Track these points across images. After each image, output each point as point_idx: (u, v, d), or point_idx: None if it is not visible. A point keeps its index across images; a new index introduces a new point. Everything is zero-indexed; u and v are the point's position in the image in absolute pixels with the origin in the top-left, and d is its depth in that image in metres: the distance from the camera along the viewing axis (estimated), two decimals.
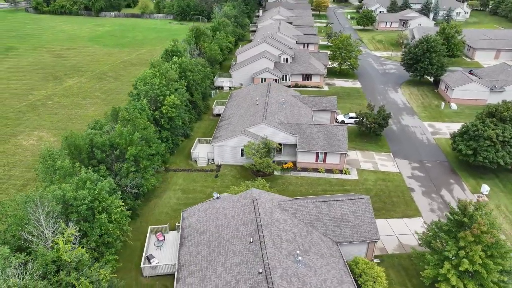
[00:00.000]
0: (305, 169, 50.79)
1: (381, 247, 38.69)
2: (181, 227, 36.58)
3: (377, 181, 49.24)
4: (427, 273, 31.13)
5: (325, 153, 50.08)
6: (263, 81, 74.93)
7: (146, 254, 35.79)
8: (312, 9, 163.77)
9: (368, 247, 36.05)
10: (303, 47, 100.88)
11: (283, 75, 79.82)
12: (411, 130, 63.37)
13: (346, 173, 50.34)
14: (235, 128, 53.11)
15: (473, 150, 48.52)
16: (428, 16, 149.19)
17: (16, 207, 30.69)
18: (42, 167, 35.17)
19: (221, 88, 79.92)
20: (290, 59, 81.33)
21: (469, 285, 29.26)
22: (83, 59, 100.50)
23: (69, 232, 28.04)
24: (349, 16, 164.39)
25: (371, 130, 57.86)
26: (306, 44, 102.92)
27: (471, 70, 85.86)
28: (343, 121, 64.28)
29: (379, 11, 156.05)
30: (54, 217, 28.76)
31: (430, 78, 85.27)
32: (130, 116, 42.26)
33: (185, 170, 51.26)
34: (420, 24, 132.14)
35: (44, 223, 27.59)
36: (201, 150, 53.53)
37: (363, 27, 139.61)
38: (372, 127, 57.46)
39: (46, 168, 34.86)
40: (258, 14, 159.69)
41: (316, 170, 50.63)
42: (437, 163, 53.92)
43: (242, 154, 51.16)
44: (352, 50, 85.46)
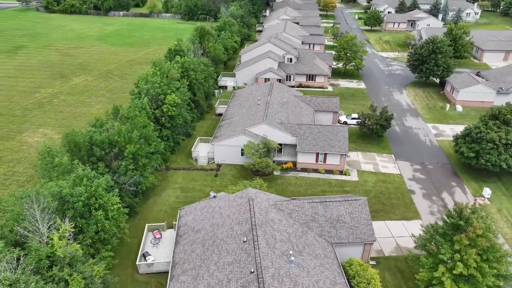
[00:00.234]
0: (305, 170, 50.67)
1: (378, 249, 38.44)
2: (177, 226, 36.81)
3: (377, 183, 48.90)
4: (422, 276, 30.85)
5: (325, 154, 49.91)
6: (267, 81, 74.94)
7: (142, 252, 36.10)
8: (320, 9, 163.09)
9: (364, 249, 35.81)
10: (309, 47, 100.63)
11: (287, 75, 79.73)
12: (414, 132, 62.77)
13: (346, 174, 50.10)
14: (236, 128, 53.23)
15: (476, 153, 47.86)
16: (437, 17, 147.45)
17: (15, 202, 31.23)
18: (41, 164, 35.72)
19: (225, 88, 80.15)
20: (295, 59, 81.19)
21: None
22: (90, 58, 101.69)
23: (64, 228, 28.42)
24: (357, 17, 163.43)
25: (373, 131, 57.46)
26: (312, 44, 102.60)
27: (479, 72, 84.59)
28: (346, 122, 63.96)
29: (388, 12, 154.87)
30: (50, 213, 29.19)
31: (436, 80, 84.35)
32: (129, 114, 42.64)
33: (185, 169, 51.54)
34: (429, 25, 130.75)
35: (40, 219, 28.02)
36: (202, 149, 53.77)
37: (371, 28, 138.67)
38: (374, 128, 57.07)
39: (45, 165, 35.40)
40: (265, 14, 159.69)
41: (316, 171, 50.47)
42: (439, 166, 53.33)
43: (242, 154, 51.24)
44: (357, 51, 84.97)
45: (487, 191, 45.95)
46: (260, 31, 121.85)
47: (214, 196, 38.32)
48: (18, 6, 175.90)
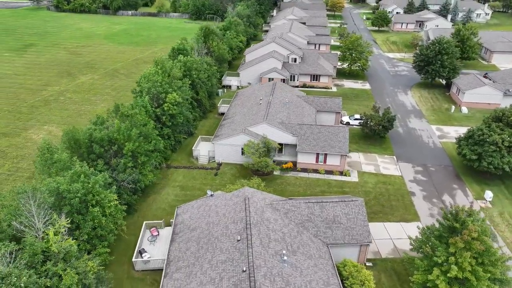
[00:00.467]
0: (305, 170, 50.55)
1: (375, 251, 38.18)
2: (174, 223, 37.05)
3: (377, 184, 48.56)
4: (417, 279, 30.57)
5: (325, 154, 49.73)
6: (271, 81, 74.92)
7: (139, 249, 36.42)
8: (328, 10, 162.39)
9: (360, 250, 35.61)
10: (315, 48, 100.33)
11: (291, 75, 79.58)
12: (418, 133, 62.17)
13: (346, 175, 49.85)
14: (237, 127, 53.34)
15: (478, 155, 47.23)
16: (446, 18, 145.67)
17: (14, 197, 31.77)
18: (40, 160, 36.26)
19: (229, 87, 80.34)
20: (299, 59, 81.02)
21: None
22: (98, 56, 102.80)
23: (60, 224, 28.82)
24: (365, 17, 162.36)
25: (375, 132, 57.07)
26: (318, 45, 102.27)
27: (486, 73, 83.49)
28: (348, 123, 63.63)
29: (396, 12, 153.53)
30: (46, 209, 29.62)
31: (442, 81, 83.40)
32: (129, 112, 43.02)
33: (186, 167, 51.81)
34: (437, 26, 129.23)
35: (36, 214, 28.46)
36: (203, 148, 54.00)
37: (378, 28, 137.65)
38: (377, 129, 56.67)
39: (44, 161, 35.92)
40: (273, 14, 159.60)
41: (316, 171, 50.32)
42: (442, 168, 52.75)
43: (243, 153, 51.32)
44: (363, 51, 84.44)
45: (489, 194, 45.36)
46: (267, 31, 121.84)
47: (211, 195, 38.48)
48: (30, 5, 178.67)
